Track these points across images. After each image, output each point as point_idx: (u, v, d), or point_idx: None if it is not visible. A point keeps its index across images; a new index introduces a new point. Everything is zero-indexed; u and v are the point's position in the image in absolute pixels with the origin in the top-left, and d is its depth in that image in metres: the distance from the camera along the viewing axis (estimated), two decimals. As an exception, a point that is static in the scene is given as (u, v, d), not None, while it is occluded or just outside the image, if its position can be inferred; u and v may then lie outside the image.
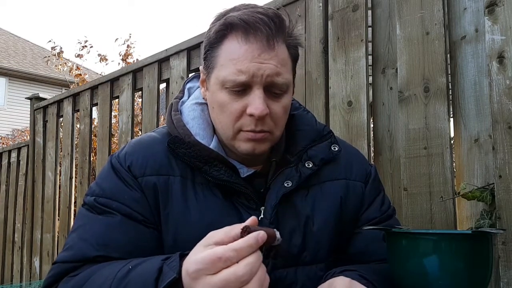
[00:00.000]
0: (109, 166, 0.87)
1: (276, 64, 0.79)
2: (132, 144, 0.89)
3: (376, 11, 1.54)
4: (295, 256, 0.84)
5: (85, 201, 0.85)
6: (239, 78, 0.78)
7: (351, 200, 0.91)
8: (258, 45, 0.78)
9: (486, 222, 1.19)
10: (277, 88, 0.81)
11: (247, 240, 0.60)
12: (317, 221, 0.86)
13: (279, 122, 0.84)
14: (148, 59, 2.43)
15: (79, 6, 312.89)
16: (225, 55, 0.81)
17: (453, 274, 0.71)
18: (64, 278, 0.78)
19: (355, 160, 0.96)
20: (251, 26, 0.78)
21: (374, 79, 1.53)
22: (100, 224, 0.80)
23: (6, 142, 9.57)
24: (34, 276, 3.15)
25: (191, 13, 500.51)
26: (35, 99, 3.39)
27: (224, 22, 0.81)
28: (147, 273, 0.67)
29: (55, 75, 13.22)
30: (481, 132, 1.26)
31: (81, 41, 7.33)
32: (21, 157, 3.56)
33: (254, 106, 0.78)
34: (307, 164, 0.87)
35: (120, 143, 2.57)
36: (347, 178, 0.92)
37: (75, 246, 0.80)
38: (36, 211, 3.22)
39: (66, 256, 0.79)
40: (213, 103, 0.85)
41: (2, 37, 16.18)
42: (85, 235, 0.80)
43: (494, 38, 1.20)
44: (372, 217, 0.92)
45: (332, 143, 0.91)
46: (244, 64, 0.78)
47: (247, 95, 0.80)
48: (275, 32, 0.80)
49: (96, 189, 0.85)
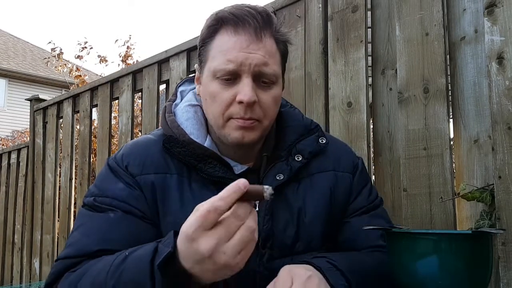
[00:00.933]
0: (106, 168, 0.90)
1: (263, 55, 0.83)
2: (129, 146, 0.93)
3: (376, 12, 1.54)
4: (290, 246, 0.87)
5: (85, 202, 0.87)
6: (228, 66, 0.82)
7: (340, 190, 0.94)
8: (246, 37, 0.83)
9: (486, 223, 1.19)
10: (265, 77, 0.85)
11: (230, 188, 0.62)
12: (308, 212, 0.90)
13: (268, 111, 0.86)
14: (148, 60, 2.43)
15: (79, 7, 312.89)
16: (216, 48, 0.85)
17: (453, 274, 0.71)
18: (65, 274, 0.79)
19: (343, 152, 1.00)
20: (240, 19, 0.84)
21: (374, 80, 1.53)
22: (101, 220, 0.83)
23: (6, 144, 9.57)
24: (34, 277, 3.14)
25: (191, 14, 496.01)
26: (35, 100, 3.39)
27: (216, 17, 0.86)
28: (143, 256, 0.68)
29: (55, 76, 13.22)
30: (481, 133, 1.26)
31: (81, 42, 7.34)
32: (21, 158, 3.56)
33: (243, 93, 0.82)
34: (296, 157, 0.91)
35: (120, 144, 2.57)
36: (335, 169, 0.95)
37: (77, 243, 0.82)
38: (36, 212, 3.22)
39: (68, 252, 0.81)
40: (206, 94, 0.88)
41: (2, 38, 16.18)
42: (86, 232, 0.82)
43: (494, 39, 1.20)
44: (360, 206, 0.96)
45: (319, 136, 0.96)
46: (233, 54, 0.82)
47: (237, 84, 0.84)
48: (263, 25, 0.84)
49: (95, 190, 0.87)
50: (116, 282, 0.69)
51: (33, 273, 3.17)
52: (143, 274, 0.66)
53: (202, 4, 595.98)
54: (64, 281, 0.78)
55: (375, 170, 1.51)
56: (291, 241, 0.87)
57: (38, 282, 3.02)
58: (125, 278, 0.69)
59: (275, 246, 0.86)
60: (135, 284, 0.68)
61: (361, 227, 0.89)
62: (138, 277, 0.67)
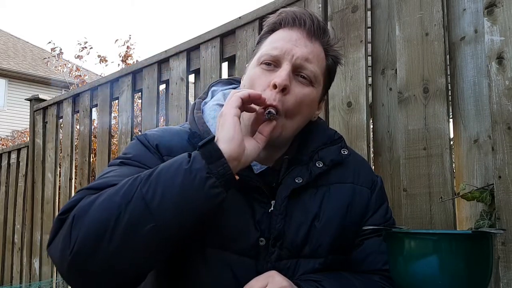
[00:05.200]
0: (136, 141, 0.91)
1: (309, 52, 0.88)
2: (162, 129, 0.96)
3: (376, 12, 1.54)
4: (298, 248, 0.88)
5: (112, 163, 0.88)
6: (272, 52, 0.87)
7: (357, 204, 0.95)
8: (298, 33, 0.89)
9: (486, 223, 1.19)
10: (305, 72, 0.88)
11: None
12: (322, 219, 0.90)
13: (298, 106, 0.87)
14: (147, 60, 2.43)
15: (79, 7, 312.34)
16: (269, 40, 0.91)
17: (453, 274, 0.71)
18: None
19: (363, 167, 1.01)
20: (298, 18, 0.90)
21: (374, 80, 1.53)
22: (131, 169, 0.84)
23: (5, 143, 9.57)
24: (34, 277, 3.14)
25: (191, 15, 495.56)
26: (35, 100, 3.39)
27: (278, 16, 0.92)
28: (177, 160, 0.75)
29: (55, 76, 13.22)
30: (481, 133, 1.26)
31: (80, 42, 7.34)
32: (21, 158, 3.56)
33: (278, 75, 0.85)
34: (317, 163, 0.92)
35: (120, 144, 2.57)
36: (354, 182, 0.96)
37: (102, 178, 0.82)
38: (36, 212, 3.22)
39: (93, 184, 0.80)
40: (246, 80, 0.92)
41: (2, 38, 16.18)
42: (116, 174, 0.83)
43: (493, 39, 1.20)
44: (377, 223, 0.96)
45: (342, 147, 0.97)
46: (281, 43, 0.88)
47: (276, 72, 0.86)
48: (316, 31, 0.90)
49: (122, 156, 0.89)
50: (150, 185, 0.72)
51: (33, 273, 3.17)
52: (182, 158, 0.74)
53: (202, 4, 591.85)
54: (85, 200, 0.75)
55: (375, 170, 1.50)
56: (300, 243, 0.88)
57: (38, 282, 3.02)
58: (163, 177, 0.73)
59: (284, 246, 0.87)
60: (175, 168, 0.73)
61: (373, 251, 0.92)
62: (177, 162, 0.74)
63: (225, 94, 0.99)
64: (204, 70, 2.09)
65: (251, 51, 1.88)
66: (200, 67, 2.11)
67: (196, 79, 2.19)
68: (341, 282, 0.87)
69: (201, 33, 2.13)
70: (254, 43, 1.86)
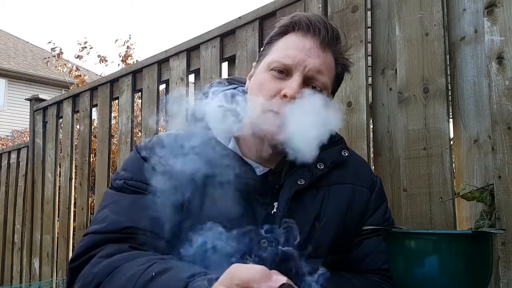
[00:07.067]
0: (136, 155, 0.92)
1: (321, 63, 0.88)
2: (164, 136, 0.96)
3: (376, 12, 1.54)
4: (300, 247, 0.87)
5: (114, 185, 0.91)
6: (284, 60, 0.88)
7: (356, 204, 0.96)
8: (312, 42, 0.89)
9: (486, 223, 1.19)
10: (315, 83, 0.88)
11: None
12: (323, 219, 0.91)
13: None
14: (147, 60, 2.43)
15: (79, 7, 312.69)
16: (281, 44, 0.91)
17: (453, 274, 0.71)
18: (92, 260, 0.81)
19: (363, 168, 1.02)
20: (313, 24, 0.89)
21: (374, 80, 1.53)
22: (130, 201, 0.86)
23: (5, 143, 9.56)
24: (34, 277, 3.14)
25: (191, 15, 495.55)
26: (35, 100, 3.39)
27: (291, 19, 0.92)
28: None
29: (55, 76, 13.22)
30: (481, 133, 1.26)
31: (80, 42, 7.32)
32: (21, 158, 3.56)
33: (290, 86, 0.85)
34: (318, 165, 0.93)
35: (120, 144, 2.57)
36: (354, 183, 0.97)
37: (107, 219, 0.85)
38: (35, 212, 3.22)
39: (97, 228, 0.84)
40: (254, 83, 0.92)
41: (2, 38, 16.18)
42: (116, 210, 0.86)
43: (493, 39, 1.20)
44: (376, 223, 0.97)
45: (342, 148, 0.99)
46: (294, 52, 0.88)
47: (286, 81, 0.87)
48: (330, 40, 0.90)
49: (125, 174, 0.90)
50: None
51: (33, 273, 3.17)
52: None
53: (202, 4, 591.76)
54: (90, 267, 0.79)
55: (375, 170, 1.50)
56: (302, 244, 0.87)
57: (38, 282, 3.02)
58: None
59: (287, 247, 0.86)
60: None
61: (372, 251, 0.92)
62: None
63: (226, 95, 0.99)
64: (204, 70, 2.09)
65: (251, 51, 1.90)
66: (200, 67, 2.11)
67: (196, 79, 2.20)
68: (341, 282, 0.87)
69: (201, 33, 2.13)
70: (254, 43, 1.86)
